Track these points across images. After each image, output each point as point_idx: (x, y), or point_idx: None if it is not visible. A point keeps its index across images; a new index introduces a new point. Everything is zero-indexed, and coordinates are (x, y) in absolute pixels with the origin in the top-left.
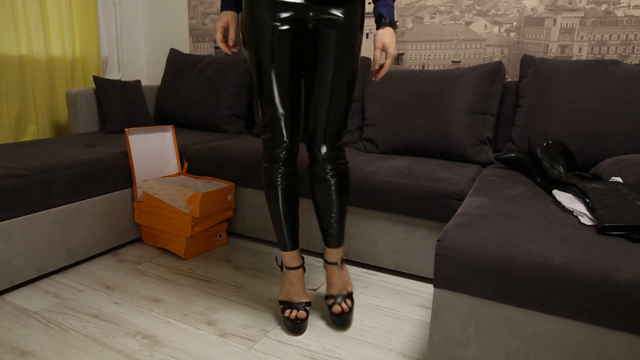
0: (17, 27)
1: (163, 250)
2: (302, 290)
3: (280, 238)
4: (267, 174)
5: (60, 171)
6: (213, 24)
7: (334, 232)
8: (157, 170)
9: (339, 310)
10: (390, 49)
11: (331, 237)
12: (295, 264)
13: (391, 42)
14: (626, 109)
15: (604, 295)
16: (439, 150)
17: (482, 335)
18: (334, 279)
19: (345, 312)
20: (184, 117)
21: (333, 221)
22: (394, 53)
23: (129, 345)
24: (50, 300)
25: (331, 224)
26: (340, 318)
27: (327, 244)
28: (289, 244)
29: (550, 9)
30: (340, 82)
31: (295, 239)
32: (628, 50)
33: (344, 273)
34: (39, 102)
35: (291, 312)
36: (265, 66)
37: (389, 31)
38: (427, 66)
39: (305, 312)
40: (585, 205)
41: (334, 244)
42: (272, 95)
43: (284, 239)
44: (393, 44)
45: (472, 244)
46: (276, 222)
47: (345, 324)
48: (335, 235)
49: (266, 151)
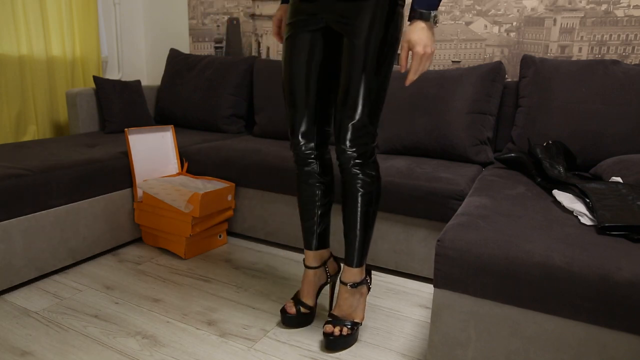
0: (17, 27)
1: (163, 250)
2: (307, 291)
3: (303, 234)
4: (296, 173)
5: (60, 171)
6: (213, 24)
7: (350, 249)
8: (157, 170)
9: (328, 330)
10: (417, 47)
11: (347, 252)
12: (309, 264)
13: (419, 38)
14: (626, 109)
15: (604, 295)
16: (439, 150)
17: (482, 335)
18: (340, 301)
19: (335, 335)
20: (184, 117)
21: (351, 236)
22: (422, 52)
23: (129, 345)
24: (50, 300)
25: (349, 238)
26: (326, 337)
27: (345, 260)
28: (305, 242)
29: (550, 9)
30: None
31: (310, 239)
32: (628, 50)
33: (353, 299)
34: (39, 102)
35: (287, 302)
36: (285, 68)
37: (419, 25)
38: None
39: (295, 310)
40: (585, 205)
41: (348, 261)
42: (288, 97)
43: (304, 236)
44: (422, 41)
45: (472, 244)
46: (300, 219)
47: (330, 346)
48: (350, 252)
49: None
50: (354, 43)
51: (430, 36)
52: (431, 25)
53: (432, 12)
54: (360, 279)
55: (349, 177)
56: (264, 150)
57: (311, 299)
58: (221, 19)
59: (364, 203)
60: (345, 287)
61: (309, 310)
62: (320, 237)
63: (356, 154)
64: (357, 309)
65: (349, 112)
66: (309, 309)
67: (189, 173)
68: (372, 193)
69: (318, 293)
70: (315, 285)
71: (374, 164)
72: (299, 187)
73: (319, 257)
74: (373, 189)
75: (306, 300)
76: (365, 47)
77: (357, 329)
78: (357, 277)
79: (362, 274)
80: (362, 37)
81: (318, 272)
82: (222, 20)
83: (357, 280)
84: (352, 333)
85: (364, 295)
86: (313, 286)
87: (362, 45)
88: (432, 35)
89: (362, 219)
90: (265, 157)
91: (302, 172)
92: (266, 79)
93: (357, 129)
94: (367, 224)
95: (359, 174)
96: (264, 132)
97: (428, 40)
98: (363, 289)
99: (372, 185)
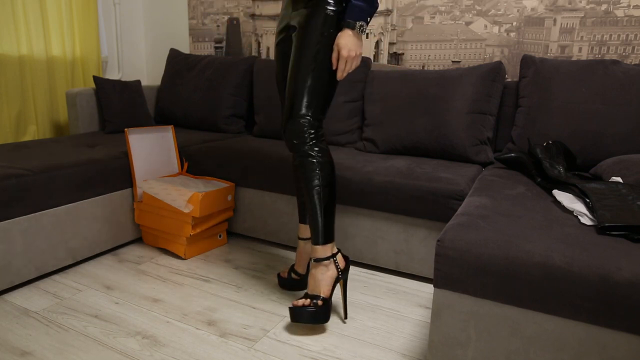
0: (17, 27)
1: (163, 250)
2: (299, 260)
3: (298, 209)
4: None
5: (60, 171)
6: (213, 24)
7: (311, 226)
8: (157, 170)
9: (300, 302)
10: (342, 50)
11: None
12: (300, 235)
13: (345, 43)
14: (626, 109)
15: (604, 295)
16: (439, 150)
17: (482, 335)
18: (309, 278)
19: (297, 305)
20: (184, 117)
21: (310, 214)
22: (346, 54)
23: (129, 345)
24: (50, 300)
25: (309, 217)
26: (290, 311)
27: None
28: (299, 217)
29: (550, 9)
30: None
31: (302, 214)
32: (628, 50)
33: (317, 273)
34: (39, 102)
35: (283, 270)
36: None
37: (347, 33)
38: (427, 66)
39: (287, 274)
40: (585, 205)
41: (313, 240)
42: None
43: (298, 211)
44: (347, 46)
45: (472, 244)
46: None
47: (291, 315)
48: (312, 230)
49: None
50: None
51: (355, 42)
52: (357, 33)
53: (357, 22)
54: (323, 255)
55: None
56: (264, 150)
57: (301, 267)
58: (221, 19)
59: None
60: (310, 264)
61: (299, 277)
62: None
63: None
64: (321, 282)
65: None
66: (299, 275)
67: (189, 173)
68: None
69: (309, 264)
70: (306, 255)
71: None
72: (294, 169)
73: (306, 227)
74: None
75: (297, 267)
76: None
77: (324, 304)
78: (320, 253)
79: (325, 251)
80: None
81: (308, 242)
82: (222, 20)
83: (319, 256)
84: (315, 307)
85: (328, 271)
86: (303, 255)
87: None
88: (358, 41)
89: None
90: (265, 157)
91: (292, 156)
92: (266, 79)
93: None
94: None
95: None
96: (264, 132)
97: (352, 45)
98: (328, 265)
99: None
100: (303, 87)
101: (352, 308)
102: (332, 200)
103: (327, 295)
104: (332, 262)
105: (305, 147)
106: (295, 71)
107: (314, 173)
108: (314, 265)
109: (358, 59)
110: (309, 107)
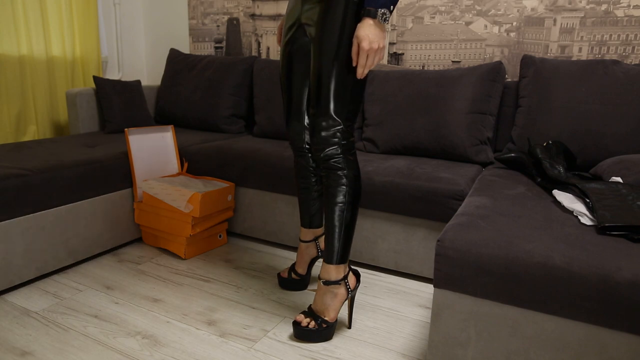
0: (17, 27)
1: (163, 250)
2: (299, 260)
3: (300, 213)
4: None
5: (60, 171)
6: (213, 24)
7: (326, 244)
8: (157, 170)
9: (298, 319)
10: (363, 42)
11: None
12: (302, 238)
13: (365, 34)
14: (626, 109)
15: (604, 295)
16: (439, 150)
17: (482, 335)
18: (316, 295)
19: (302, 325)
20: (184, 117)
21: (328, 232)
22: (367, 47)
23: (129, 345)
24: (50, 300)
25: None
26: (294, 325)
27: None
28: (300, 221)
29: (550, 9)
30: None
31: (305, 219)
32: (628, 50)
33: (325, 297)
34: (39, 102)
35: (283, 270)
36: (281, 72)
37: (367, 23)
38: (427, 66)
39: (287, 274)
40: (585, 205)
41: (325, 258)
42: (283, 97)
43: (300, 215)
44: (367, 37)
45: (472, 244)
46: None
47: (295, 333)
48: (327, 248)
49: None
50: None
51: (377, 33)
52: (379, 22)
53: (379, 10)
54: (335, 279)
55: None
56: (264, 150)
57: (302, 268)
58: (221, 19)
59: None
60: (319, 282)
61: (299, 277)
62: (313, 217)
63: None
64: (329, 307)
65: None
66: (299, 276)
67: (189, 173)
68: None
69: (310, 265)
70: (307, 256)
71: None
72: (296, 170)
73: (312, 233)
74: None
75: (297, 268)
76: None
77: (329, 327)
78: (331, 275)
79: (337, 273)
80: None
81: (310, 245)
82: (222, 20)
83: (330, 278)
84: (319, 329)
85: (337, 296)
86: (304, 256)
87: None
88: (380, 32)
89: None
90: (265, 157)
91: (296, 162)
92: (266, 79)
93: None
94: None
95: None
96: (264, 132)
97: (374, 36)
98: (338, 289)
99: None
100: (328, 93)
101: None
102: (354, 218)
103: (332, 320)
104: (344, 284)
105: (334, 160)
106: (317, 76)
107: (339, 188)
108: (323, 288)
109: (381, 53)
110: (337, 114)
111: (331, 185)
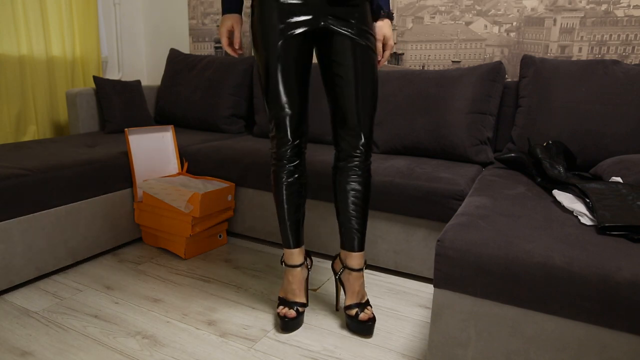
0: (17, 27)
1: (163, 250)
2: (299, 290)
3: (284, 235)
4: (274, 171)
5: (60, 171)
6: (213, 24)
7: (359, 234)
8: (157, 170)
9: (366, 316)
10: (390, 40)
11: (357, 239)
12: (295, 262)
13: (390, 33)
14: (626, 109)
15: (604, 295)
16: (439, 150)
17: (482, 335)
18: (357, 287)
19: (372, 319)
20: (184, 117)
21: (360, 221)
22: (392, 44)
23: (129, 345)
24: (50, 300)
25: (357, 224)
26: (365, 324)
27: (352, 248)
28: (291, 242)
29: (550, 9)
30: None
31: (297, 237)
32: (628, 50)
33: (362, 282)
34: (39, 102)
35: (282, 309)
36: (273, 69)
37: (388, 23)
38: (427, 66)
39: (295, 312)
40: (585, 205)
41: (358, 247)
42: (278, 96)
43: (287, 236)
44: (392, 36)
45: (472, 244)
46: (280, 219)
47: (372, 330)
48: (360, 238)
49: (273, 149)
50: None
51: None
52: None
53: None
54: (362, 265)
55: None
56: (264, 150)
57: (304, 296)
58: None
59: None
60: (359, 273)
61: (304, 308)
62: (302, 231)
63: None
64: (365, 290)
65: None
66: (304, 306)
67: (189, 173)
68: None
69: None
70: (303, 279)
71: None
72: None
73: (302, 251)
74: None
75: (300, 299)
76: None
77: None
78: (362, 261)
79: (362, 259)
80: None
81: (304, 267)
82: None
83: (362, 264)
84: (374, 316)
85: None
86: (304, 283)
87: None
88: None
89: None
90: (265, 157)
91: (288, 169)
92: None
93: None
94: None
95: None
96: (264, 132)
97: (392, 34)
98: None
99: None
100: (369, 103)
101: None
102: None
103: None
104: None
105: (368, 166)
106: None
107: (369, 189)
108: (355, 276)
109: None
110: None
111: (367, 189)
